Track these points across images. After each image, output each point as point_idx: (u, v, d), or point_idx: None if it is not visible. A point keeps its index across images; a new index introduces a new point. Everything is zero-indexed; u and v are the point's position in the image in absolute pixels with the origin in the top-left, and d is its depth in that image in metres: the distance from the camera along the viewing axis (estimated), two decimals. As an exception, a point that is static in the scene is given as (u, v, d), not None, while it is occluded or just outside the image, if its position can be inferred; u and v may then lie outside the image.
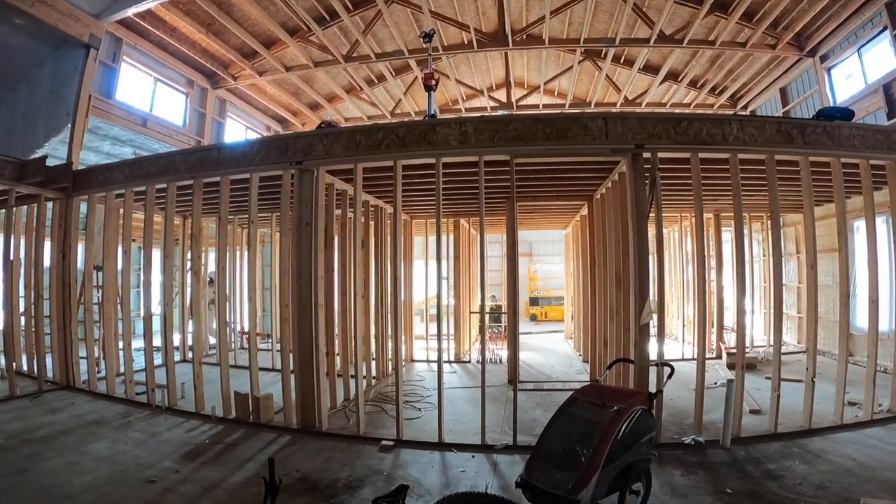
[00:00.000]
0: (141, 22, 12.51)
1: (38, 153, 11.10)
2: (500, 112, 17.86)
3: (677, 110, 17.38)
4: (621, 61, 15.78)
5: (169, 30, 13.17)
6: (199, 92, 15.67)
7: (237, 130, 18.15)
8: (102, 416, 8.00)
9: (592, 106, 18.33)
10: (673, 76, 15.95)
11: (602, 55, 15.31)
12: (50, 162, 9.97)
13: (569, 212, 13.18)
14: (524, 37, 13.89)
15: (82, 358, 10.07)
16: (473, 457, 6.17)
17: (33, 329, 9.99)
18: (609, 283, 8.55)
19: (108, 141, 13.25)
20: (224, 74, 15.50)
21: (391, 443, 6.53)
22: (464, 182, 8.41)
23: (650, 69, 15.64)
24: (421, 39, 10.36)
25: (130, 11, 11.48)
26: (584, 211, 11.43)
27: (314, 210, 7.16)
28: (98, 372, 9.87)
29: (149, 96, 14.12)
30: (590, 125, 6.58)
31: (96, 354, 10.30)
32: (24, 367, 10.62)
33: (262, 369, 8.02)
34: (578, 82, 17.51)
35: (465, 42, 14.38)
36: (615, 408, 4.37)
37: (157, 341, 9.53)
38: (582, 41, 13.62)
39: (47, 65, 12.10)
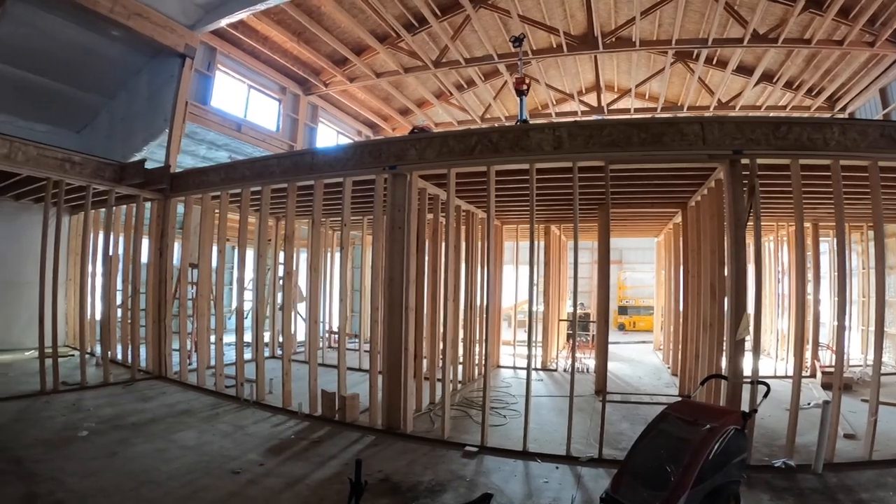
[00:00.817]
0: (234, 32, 13.03)
1: (137, 156, 11.68)
2: (593, 117, 17.53)
3: (772, 113, 16.64)
4: (714, 62, 15.22)
5: (261, 39, 13.66)
6: (291, 98, 16.20)
7: (329, 135, 18.65)
8: (191, 406, 8.29)
9: (685, 110, 17.81)
10: (767, 77, 15.27)
11: (694, 56, 14.86)
12: (148, 165, 10.45)
13: (661, 219, 12.80)
14: (613, 39, 13.61)
15: (175, 350, 10.51)
16: (557, 468, 6.03)
17: (129, 321, 10.53)
18: (703, 294, 8.25)
19: (205, 145, 13.88)
20: (315, 81, 15.96)
21: (475, 449, 6.47)
22: (555, 188, 8.28)
23: (743, 70, 15.02)
24: (511, 44, 10.31)
25: (223, 22, 11.95)
26: (678, 219, 11.05)
27: (407, 214, 7.22)
28: (189, 364, 10.29)
29: (243, 102, 14.68)
30: (686, 130, 6.36)
31: (188, 347, 10.74)
32: (119, 356, 11.18)
33: (348, 369, 8.12)
34: (670, 85, 17.03)
35: (554, 45, 14.24)
36: (707, 426, 4.19)
37: (247, 337, 9.83)
38: (673, 42, 13.25)
39: (144, 73, 12.78)
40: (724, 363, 6.52)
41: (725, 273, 6.62)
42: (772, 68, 14.84)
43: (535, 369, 12.14)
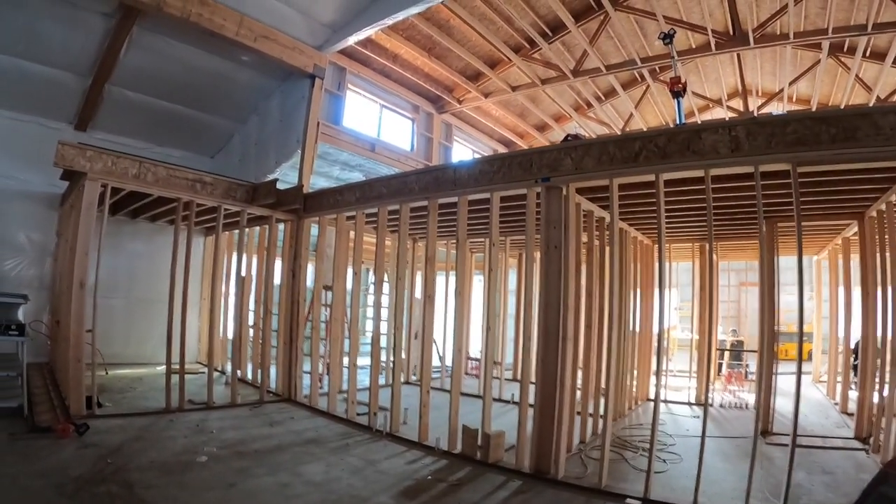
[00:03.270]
0: (363, 50, 13.11)
1: (270, 178, 11.77)
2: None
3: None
4: (866, 55, 13.56)
5: (391, 57, 13.72)
6: (424, 117, 16.28)
7: (464, 154, 18.63)
8: (320, 434, 7.93)
9: (842, 110, 16.23)
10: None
11: (845, 49, 13.43)
12: (280, 186, 10.41)
13: (826, 233, 11.14)
14: (759, 36, 12.55)
15: (305, 372, 10.32)
16: (736, 529, 5.05)
17: (261, 341, 10.51)
18: (890, 319, 7.03)
19: (338, 166, 14.00)
20: (449, 98, 15.97)
21: (637, 502, 5.59)
22: (717, 200, 7.34)
23: (897, 61, 13.36)
24: (661, 41, 9.62)
25: (351, 40, 11.95)
26: (849, 232, 9.69)
27: (564, 232, 6.52)
28: (320, 388, 10.06)
29: (376, 122, 14.80)
30: (881, 122, 5.12)
31: (320, 370, 10.55)
32: (249, 376, 11.26)
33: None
34: (818, 84, 15.53)
35: (694, 46, 13.41)
36: None
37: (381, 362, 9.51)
38: (830, 31, 11.81)
39: (275, 96, 13.05)
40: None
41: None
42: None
43: (689, 404, 10.98)
